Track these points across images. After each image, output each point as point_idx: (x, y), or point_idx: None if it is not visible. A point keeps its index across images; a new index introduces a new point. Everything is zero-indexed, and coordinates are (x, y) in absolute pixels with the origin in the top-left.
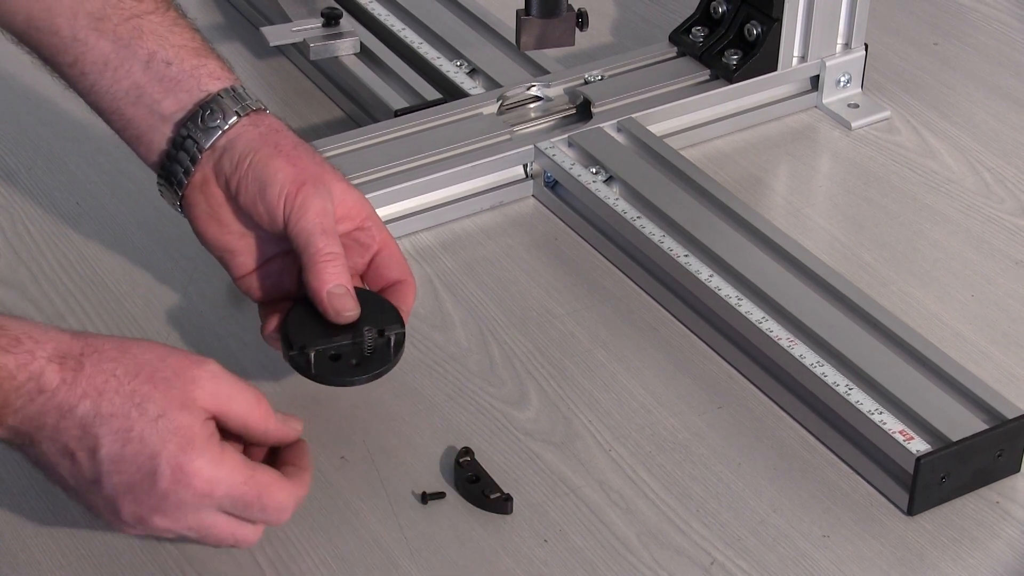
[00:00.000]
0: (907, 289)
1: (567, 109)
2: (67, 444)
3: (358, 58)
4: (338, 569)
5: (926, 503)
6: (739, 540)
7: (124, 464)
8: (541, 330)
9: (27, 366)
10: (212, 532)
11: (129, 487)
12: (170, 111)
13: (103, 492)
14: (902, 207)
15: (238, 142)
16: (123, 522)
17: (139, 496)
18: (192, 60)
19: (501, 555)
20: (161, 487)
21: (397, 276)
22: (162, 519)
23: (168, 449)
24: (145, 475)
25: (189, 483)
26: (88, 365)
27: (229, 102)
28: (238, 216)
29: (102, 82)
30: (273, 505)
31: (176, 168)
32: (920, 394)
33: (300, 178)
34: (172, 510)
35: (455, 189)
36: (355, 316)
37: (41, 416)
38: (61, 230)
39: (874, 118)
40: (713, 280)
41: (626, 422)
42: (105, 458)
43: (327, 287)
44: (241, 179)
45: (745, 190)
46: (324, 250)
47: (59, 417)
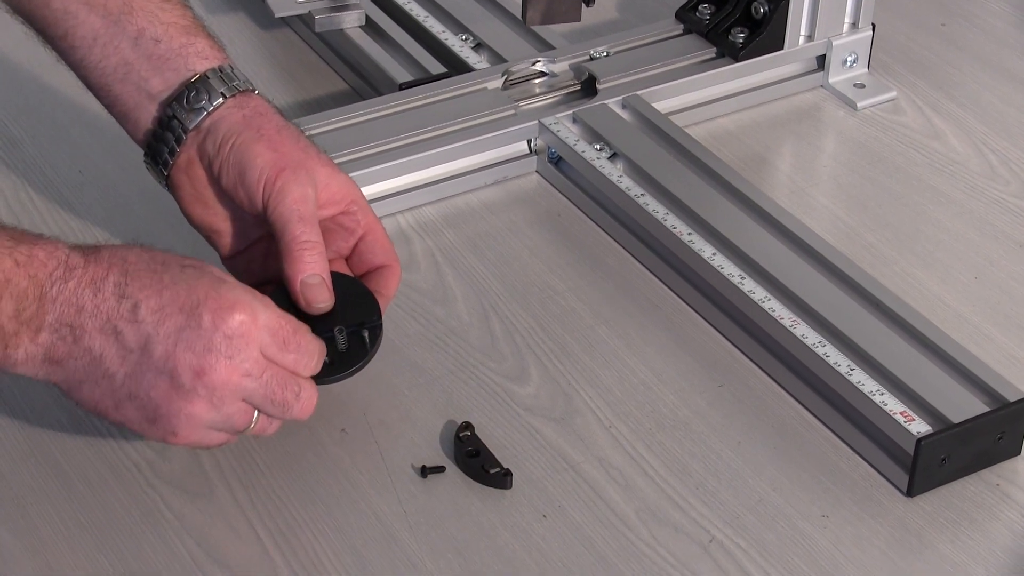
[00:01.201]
0: (910, 270)
1: (572, 85)
2: (109, 318)
3: (363, 31)
4: (337, 542)
5: (926, 484)
6: (738, 518)
7: (166, 311)
8: (543, 306)
9: (53, 253)
10: (267, 379)
11: (179, 332)
12: (157, 90)
13: (155, 356)
14: (906, 188)
15: (221, 124)
16: (183, 392)
17: (190, 340)
18: (181, 38)
19: (500, 530)
20: (207, 320)
21: (381, 261)
22: (217, 360)
23: (203, 285)
24: (189, 313)
25: (231, 311)
26: (104, 251)
27: (216, 82)
28: (221, 199)
29: (91, 57)
30: (307, 346)
31: (162, 148)
32: (921, 375)
33: (280, 163)
34: (223, 345)
35: (459, 163)
36: (328, 307)
37: (78, 296)
38: (63, 199)
39: (880, 98)
40: (716, 258)
41: (626, 399)
42: (147, 312)
43: (301, 276)
44: (223, 162)
45: (750, 169)
46: (300, 238)
47: (94, 291)
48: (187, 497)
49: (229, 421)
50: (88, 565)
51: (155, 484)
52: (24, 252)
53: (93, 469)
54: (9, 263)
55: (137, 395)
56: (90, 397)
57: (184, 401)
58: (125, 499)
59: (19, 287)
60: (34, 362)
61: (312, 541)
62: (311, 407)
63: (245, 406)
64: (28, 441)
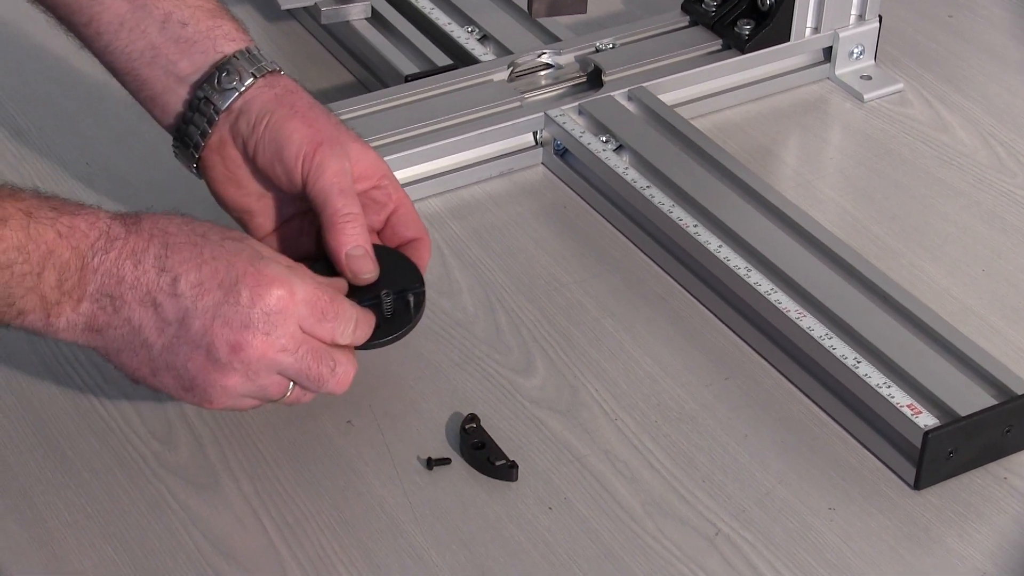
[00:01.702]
0: (917, 262)
1: (578, 77)
2: (148, 289)
3: (369, 22)
4: (343, 533)
5: (933, 478)
6: (744, 512)
7: (205, 286)
8: (548, 298)
9: (95, 224)
10: (303, 353)
11: (216, 307)
12: (186, 72)
13: (192, 329)
14: (913, 180)
15: (254, 104)
16: (219, 365)
17: (228, 315)
18: (207, 21)
19: (505, 522)
20: (245, 296)
21: (413, 234)
22: (254, 336)
23: (241, 260)
24: (228, 289)
25: (269, 287)
26: (144, 220)
27: (245, 63)
28: (256, 177)
29: (117, 42)
30: (344, 313)
31: (192, 130)
32: (929, 368)
33: (317, 138)
34: (261, 321)
35: (464, 155)
36: (373, 277)
37: (118, 267)
38: (71, 190)
39: (887, 90)
40: (722, 251)
41: (632, 392)
42: (186, 287)
43: (346, 248)
44: (258, 141)
45: (756, 161)
46: (343, 211)
47: (135, 263)
48: (193, 488)
49: (264, 392)
50: (94, 555)
51: (161, 475)
52: (66, 223)
53: (100, 460)
54: (51, 234)
55: (174, 365)
56: (128, 363)
57: (219, 374)
58: (131, 490)
59: (61, 258)
60: (75, 330)
61: (318, 533)
62: (347, 381)
63: (280, 379)
64: (35, 432)
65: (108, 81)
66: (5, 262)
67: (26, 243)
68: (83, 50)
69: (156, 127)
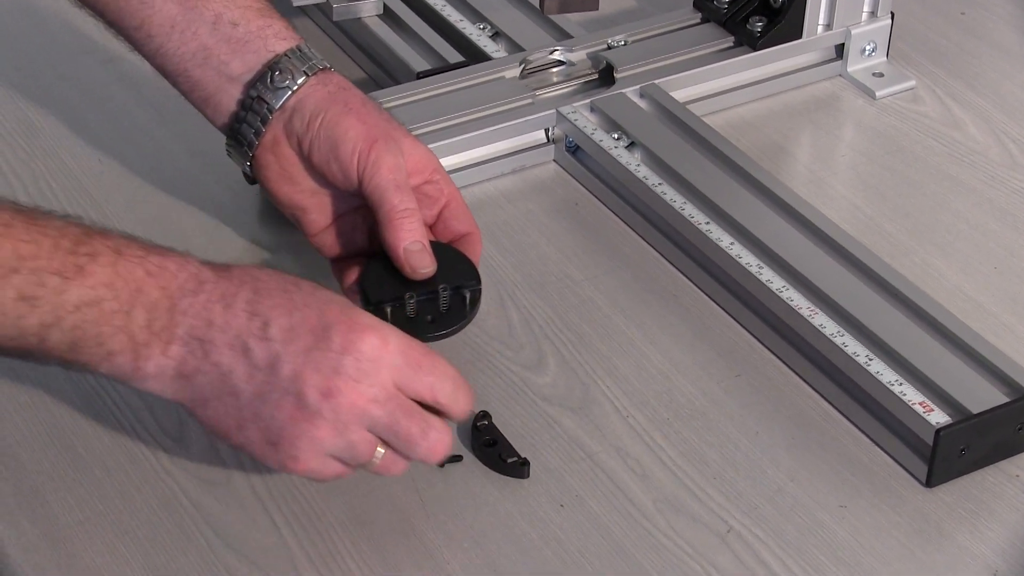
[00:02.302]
0: (929, 260)
1: (590, 74)
2: (239, 334)
3: (381, 19)
4: (355, 531)
5: (945, 475)
6: (756, 509)
7: (296, 331)
8: (560, 295)
9: (184, 266)
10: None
11: (307, 352)
12: (238, 72)
13: (282, 374)
14: (926, 177)
15: (307, 101)
16: (308, 413)
17: (319, 360)
18: (258, 21)
19: (517, 519)
20: (336, 343)
21: (465, 228)
22: (345, 383)
23: (333, 310)
24: (319, 335)
25: (362, 335)
26: (235, 269)
27: (296, 62)
28: (310, 175)
29: (168, 44)
30: (442, 369)
31: (246, 129)
32: (941, 366)
33: (372, 135)
34: (352, 368)
35: (476, 152)
36: (431, 272)
37: (208, 310)
38: (82, 187)
39: (899, 87)
40: (734, 248)
41: (644, 388)
42: (277, 332)
43: (403, 244)
44: (313, 138)
45: (768, 158)
46: (399, 206)
47: (225, 307)
48: (204, 485)
49: (352, 450)
50: (106, 552)
51: (173, 472)
52: (155, 263)
53: (111, 457)
54: (140, 272)
55: (261, 415)
56: (215, 415)
57: (308, 423)
58: (143, 487)
59: (150, 297)
60: (164, 377)
61: (329, 530)
62: (441, 450)
63: (370, 436)
64: (47, 430)
65: (118, 80)
66: (94, 298)
67: (115, 280)
68: (92, 50)
69: (167, 126)
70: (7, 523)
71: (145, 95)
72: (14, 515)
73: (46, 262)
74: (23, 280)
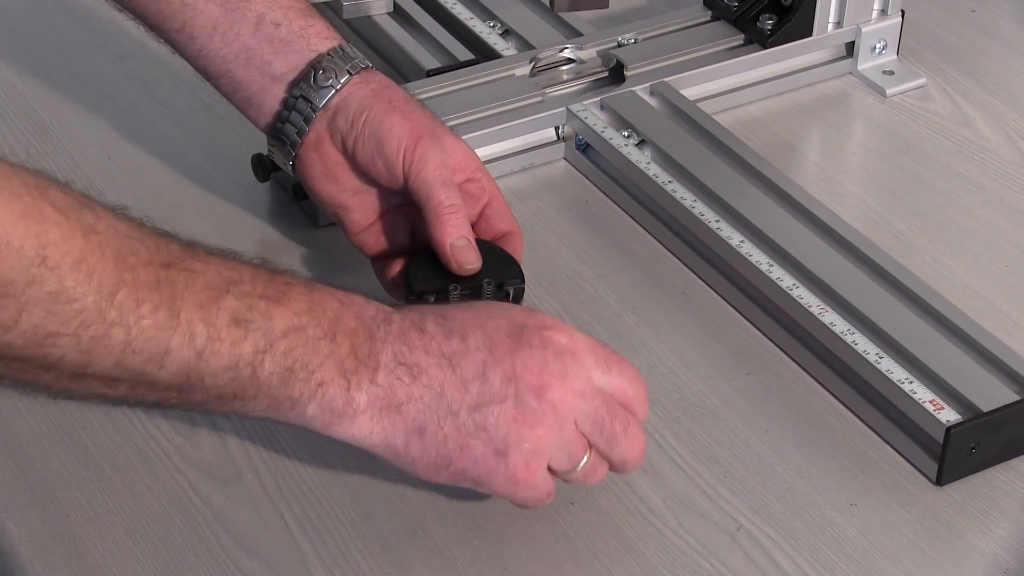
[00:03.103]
0: (939, 258)
1: (600, 72)
2: (442, 352)
3: (391, 17)
4: (364, 529)
5: (955, 473)
6: (766, 506)
7: (495, 339)
8: (570, 293)
9: (369, 300)
10: (597, 404)
11: (513, 355)
12: (281, 72)
13: (495, 382)
14: (936, 175)
15: (351, 100)
16: (529, 412)
17: (525, 361)
18: (300, 21)
19: (528, 517)
20: (536, 341)
21: (506, 227)
22: (553, 377)
23: (518, 314)
24: (516, 337)
25: (554, 332)
26: (405, 309)
27: (339, 61)
28: (353, 173)
29: (211, 46)
30: (629, 371)
31: (289, 128)
32: (951, 364)
33: (416, 132)
34: (555, 364)
35: (486, 150)
36: (477, 268)
37: (405, 335)
38: (93, 184)
39: (909, 85)
40: (744, 246)
41: (654, 387)
42: (476, 342)
43: (450, 239)
44: (358, 136)
45: (778, 156)
46: (446, 202)
47: (419, 331)
48: (215, 484)
49: (569, 449)
50: (116, 550)
51: (183, 470)
52: (342, 295)
53: (122, 455)
54: (334, 303)
55: (484, 427)
56: (432, 443)
57: (530, 425)
58: (154, 485)
59: (349, 326)
60: (374, 410)
61: (340, 529)
62: (639, 450)
63: (579, 434)
64: (58, 427)
65: (129, 76)
66: (297, 325)
67: (313, 308)
68: (102, 48)
69: (178, 123)
70: (17, 520)
71: (155, 92)
72: (24, 512)
73: (250, 287)
74: (235, 303)
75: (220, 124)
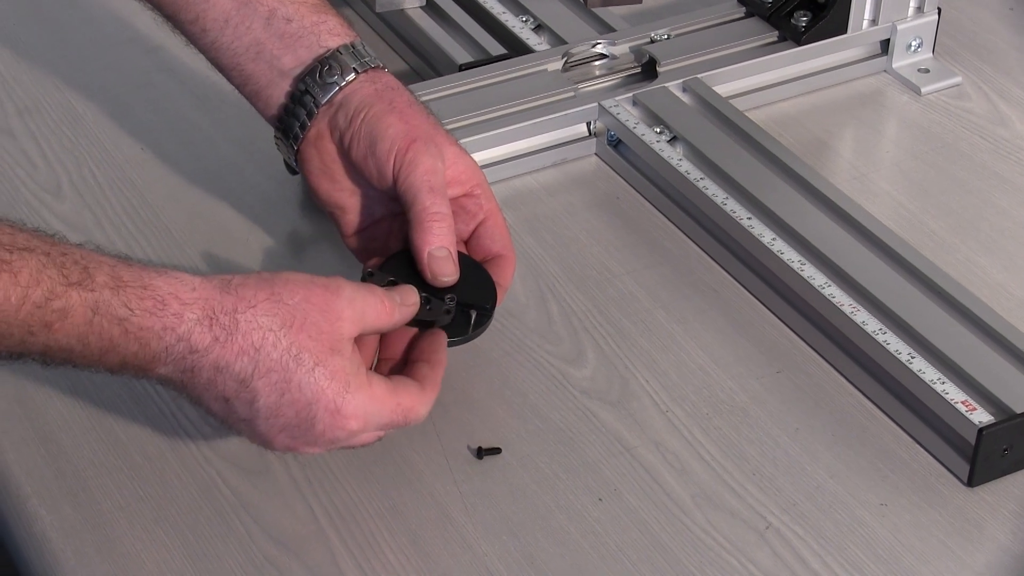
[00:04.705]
0: (973, 257)
1: (632, 67)
2: (222, 392)
3: (424, 11)
4: (392, 522)
5: (987, 475)
6: (795, 505)
7: (281, 410)
8: (600, 289)
9: (174, 329)
10: (358, 444)
11: (285, 428)
12: (289, 67)
13: (257, 430)
14: (970, 174)
15: (354, 98)
16: (272, 448)
17: (294, 434)
18: (312, 16)
19: (555, 512)
20: (318, 430)
21: (499, 249)
22: (314, 449)
23: (326, 396)
24: (303, 420)
25: (345, 424)
26: (243, 322)
27: (348, 58)
28: (349, 173)
29: (222, 39)
30: (415, 419)
31: (292, 122)
32: (984, 364)
33: (412, 135)
34: (326, 444)
35: (518, 145)
36: (452, 281)
37: (195, 371)
38: (125, 175)
39: (944, 84)
40: (776, 244)
41: (683, 383)
42: (263, 408)
43: (429, 247)
44: (354, 134)
45: (811, 153)
46: (431, 209)
47: (215, 371)
48: (244, 474)
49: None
50: (146, 539)
51: (212, 460)
52: (136, 324)
53: (152, 445)
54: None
55: (238, 431)
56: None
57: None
58: (183, 475)
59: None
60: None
61: (368, 520)
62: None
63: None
64: (89, 417)
65: (161, 69)
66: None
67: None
68: (135, 39)
69: (210, 115)
70: (48, 508)
71: (187, 84)
72: (56, 500)
73: (13, 314)
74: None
75: (252, 117)
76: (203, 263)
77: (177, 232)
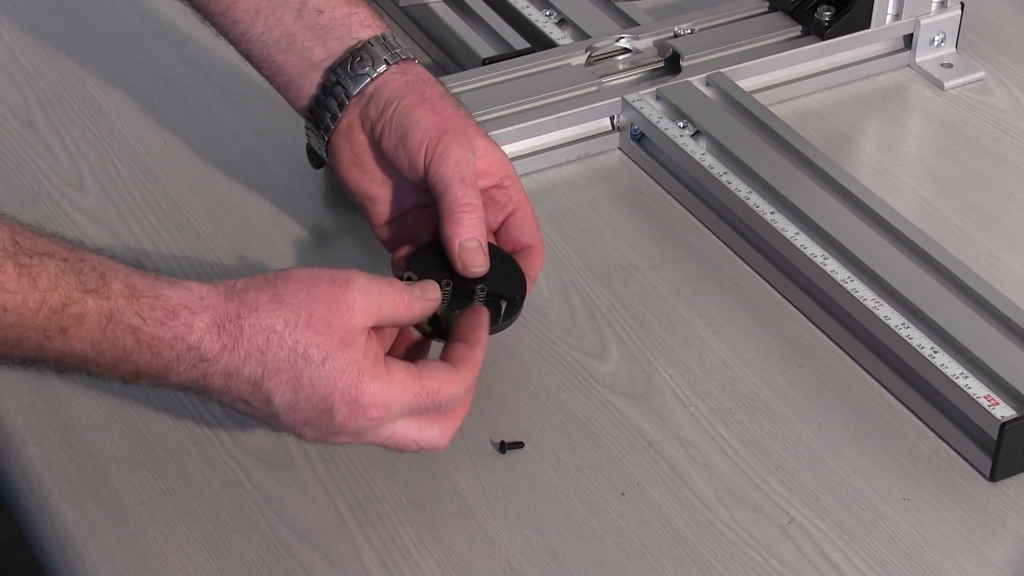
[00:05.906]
0: (996, 252)
1: (656, 62)
2: (239, 396)
3: (448, 5)
4: (415, 516)
5: (1010, 469)
6: (817, 500)
7: (299, 407)
8: (623, 283)
9: (185, 338)
10: (394, 441)
11: (307, 422)
12: (320, 58)
13: (282, 424)
14: (993, 169)
15: (385, 89)
16: (304, 440)
17: (319, 427)
18: (343, 8)
19: (578, 506)
20: (339, 421)
21: (528, 240)
22: (344, 439)
23: (340, 387)
24: (322, 413)
25: (365, 412)
26: (247, 327)
27: (379, 50)
28: (380, 164)
29: (253, 30)
30: (448, 402)
31: (324, 113)
32: (1007, 359)
33: (443, 126)
34: (352, 434)
35: (541, 139)
36: (483, 272)
37: (206, 379)
38: (148, 169)
39: (968, 78)
40: (799, 238)
41: (706, 378)
42: (280, 405)
43: (460, 238)
44: (385, 125)
45: (834, 148)
46: (461, 200)
47: (226, 378)
48: (266, 468)
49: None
50: (168, 532)
51: (235, 454)
52: (148, 334)
53: (174, 438)
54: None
55: (269, 424)
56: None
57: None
58: (206, 469)
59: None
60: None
61: (391, 514)
62: (460, 411)
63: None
64: (111, 410)
65: (184, 61)
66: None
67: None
68: (159, 32)
69: (233, 108)
70: (71, 502)
71: (211, 77)
72: (78, 494)
73: (31, 319)
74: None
75: (276, 110)
76: (226, 257)
77: (200, 226)
